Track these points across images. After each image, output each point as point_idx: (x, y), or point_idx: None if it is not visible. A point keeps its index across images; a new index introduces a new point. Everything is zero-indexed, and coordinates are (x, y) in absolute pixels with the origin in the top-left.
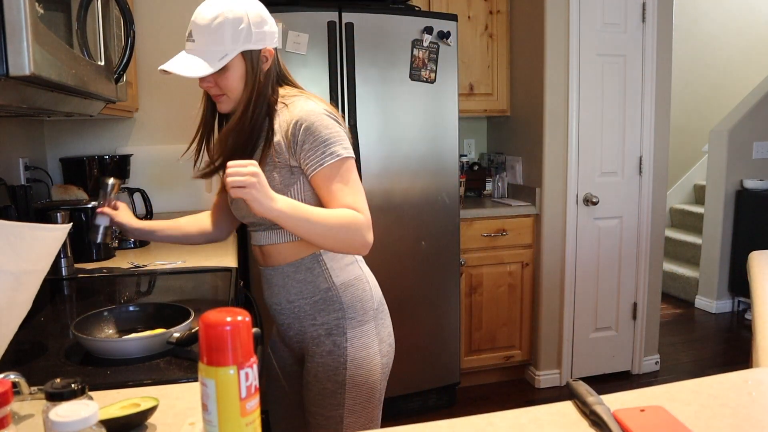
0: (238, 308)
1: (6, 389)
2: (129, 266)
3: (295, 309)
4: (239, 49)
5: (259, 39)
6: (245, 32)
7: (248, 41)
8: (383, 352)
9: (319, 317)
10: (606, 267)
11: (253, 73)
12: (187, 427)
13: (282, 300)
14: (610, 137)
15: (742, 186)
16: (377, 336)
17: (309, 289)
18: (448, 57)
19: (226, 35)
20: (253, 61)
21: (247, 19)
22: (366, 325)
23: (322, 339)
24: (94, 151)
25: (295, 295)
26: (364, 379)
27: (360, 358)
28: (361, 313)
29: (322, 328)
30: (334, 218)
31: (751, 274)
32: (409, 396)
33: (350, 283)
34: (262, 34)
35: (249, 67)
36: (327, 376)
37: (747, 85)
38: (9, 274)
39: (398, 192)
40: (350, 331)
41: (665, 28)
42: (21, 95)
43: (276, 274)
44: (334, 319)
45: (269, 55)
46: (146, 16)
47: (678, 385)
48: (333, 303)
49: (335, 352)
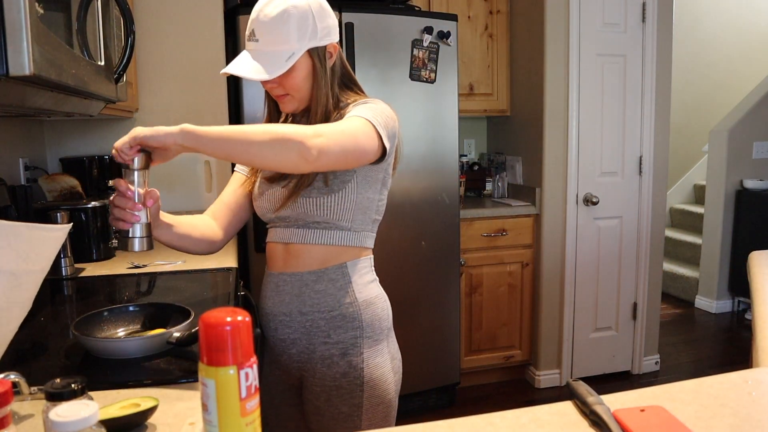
0: (238, 308)
1: (6, 389)
2: (129, 266)
3: (307, 323)
4: (306, 47)
5: (325, 35)
6: (311, 28)
7: (314, 38)
8: (395, 369)
9: (334, 335)
10: (606, 267)
11: (321, 70)
12: (187, 427)
13: (293, 311)
14: (610, 137)
15: (742, 186)
16: (389, 353)
17: (328, 303)
18: (448, 57)
19: (292, 33)
20: (319, 58)
21: (311, 13)
22: (380, 344)
23: (335, 360)
24: (94, 151)
25: (311, 307)
26: (380, 399)
27: (376, 378)
28: (377, 332)
29: (335, 347)
30: (254, 127)
31: (751, 274)
32: (409, 396)
33: (371, 301)
34: (327, 29)
35: (316, 65)
36: (342, 399)
37: (747, 85)
38: (9, 274)
39: (398, 192)
40: (366, 351)
41: (665, 28)
42: (21, 95)
43: (292, 281)
44: (351, 338)
45: (334, 51)
46: (146, 16)
47: (678, 385)
48: (353, 320)
49: (351, 374)
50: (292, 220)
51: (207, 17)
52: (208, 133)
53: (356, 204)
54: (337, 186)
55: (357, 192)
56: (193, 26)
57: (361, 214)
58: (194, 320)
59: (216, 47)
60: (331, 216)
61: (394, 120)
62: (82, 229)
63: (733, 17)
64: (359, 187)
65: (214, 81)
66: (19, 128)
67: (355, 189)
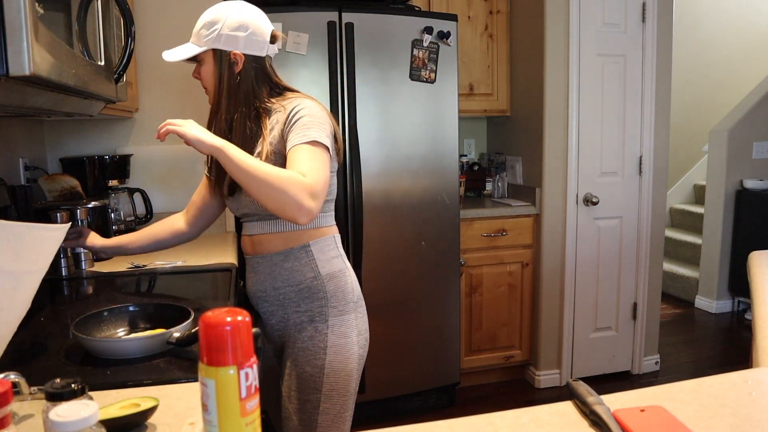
0: (238, 308)
1: (6, 389)
2: (129, 266)
3: (280, 296)
4: (208, 46)
5: (229, 42)
6: (216, 33)
7: (217, 42)
8: (360, 344)
9: (303, 304)
10: (606, 267)
11: (221, 70)
12: (187, 427)
13: (268, 287)
14: (610, 137)
15: (742, 186)
16: (356, 327)
17: (295, 277)
18: (448, 57)
19: (202, 33)
20: (222, 60)
21: (223, 22)
22: (346, 315)
23: (304, 325)
24: (94, 151)
25: (282, 282)
26: (342, 366)
27: (339, 345)
28: (342, 303)
29: (305, 315)
30: (271, 173)
31: (751, 274)
32: (409, 396)
33: (334, 275)
34: (233, 39)
35: (218, 65)
36: (307, 360)
37: (747, 85)
38: (8, 273)
39: (398, 192)
40: (332, 319)
41: (665, 28)
42: (21, 95)
43: (264, 262)
44: (317, 307)
45: (239, 59)
46: (146, 16)
47: (678, 385)
48: (317, 291)
49: (316, 338)
50: (252, 215)
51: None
52: (237, 161)
53: None
54: None
55: None
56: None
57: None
58: (194, 320)
59: None
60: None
61: (327, 120)
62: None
63: (733, 17)
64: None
65: None
66: (19, 128)
67: None
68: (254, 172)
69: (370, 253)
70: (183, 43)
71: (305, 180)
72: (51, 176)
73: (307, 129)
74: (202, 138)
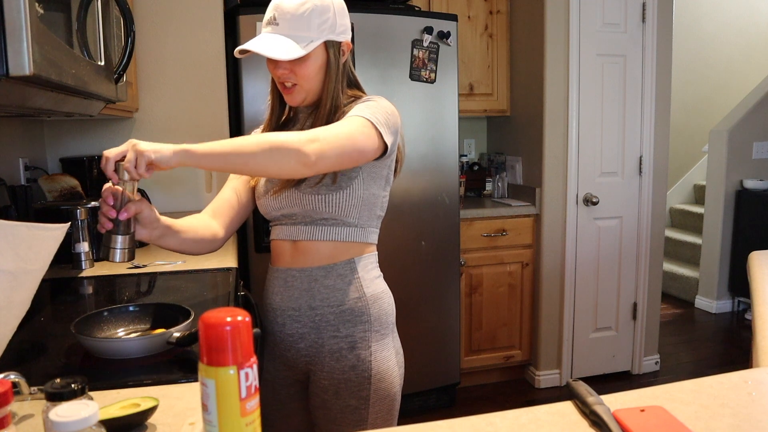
0: (238, 308)
1: (6, 389)
2: (129, 266)
3: (317, 317)
4: (324, 37)
5: (342, 31)
6: (331, 22)
7: (333, 31)
8: (399, 363)
9: (343, 329)
10: (606, 267)
11: (334, 64)
12: (187, 427)
13: (303, 305)
14: (610, 137)
15: (742, 186)
16: (394, 348)
17: (337, 297)
18: (448, 57)
19: (313, 22)
20: (334, 51)
21: (333, 8)
22: (387, 338)
23: (343, 353)
24: (94, 151)
25: (321, 301)
26: (387, 392)
27: (383, 371)
28: (384, 327)
29: (344, 341)
30: (254, 140)
31: (751, 274)
32: (409, 396)
33: (378, 296)
34: (344, 27)
35: (330, 58)
36: (350, 392)
37: (747, 85)
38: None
39: (398, 192)
40: (374, 345)
41: (665, 28)
42: (21, 95)
43: (301, 277)
44: (360, 332)
45: (347, 49)
46: (146, 16)
47: (678, 385)
48: (361, 315)
49: (359, 367)
50: (299, 217)
51: (207, 17)
52: (205, 151)
53: (362, 200)
54: (345, 182)
55: (363, 188)
56: (193, 26)
57: (367, 210)
58: (194, 320)
59: (216, 47)
60: (338, 212)
61: (396, 116)
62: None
63: (733, 17)
64: (365, 184)
65: (214, 81)
66: (19, 128)
67: (362, 185)
68: (232, 149)
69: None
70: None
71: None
72: (51, 176)
73: (366, 109)
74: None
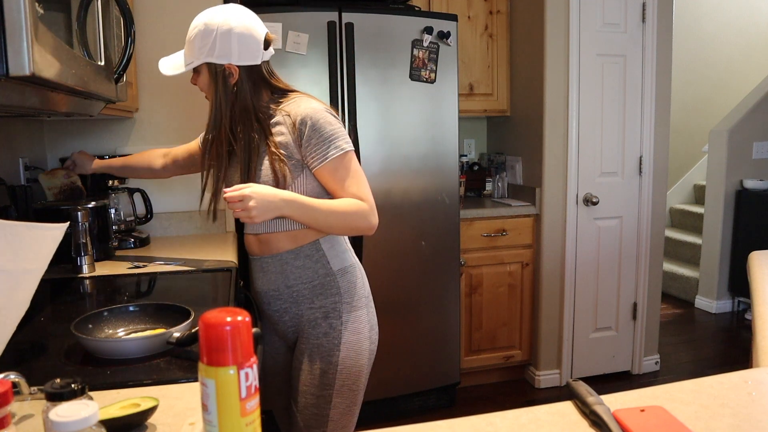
0: (238, 308)
1: (6, 389)
2: (129, 266)
3: (294, 293)
4: (203, 59)
5: (223, 54)
6: (210, 46)
7: (210, 54)
8: (371, 339)
9: (317, 300)
10: (606, 267)
11: (216, 83)
12: (187, 427)
13: (280, 285)
14: (610, 137)
15: (742, 186)
16: (368, 323)
17: (308, 275)
18: (448, 57)
19: (196, 45)
20: (216, 72)
21: (216, 32)
22: (359, 311)
23: (318, 321)
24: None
25: (294, 280)
26: (354, 361)
27: (352, 341)
28: (355, 299)
29: (319, 311)
30: (339, 209)
31: (751, 274)
32: (409, 396)
33: (346, 270)
34: (227, 50)
35: (213, 78)
36: (321, 356)
37: (747, 85)
38: (7, 273)
39: (398, 192)
40: (345, 315)
41: (665, 28)
42: (21, 95)
43: (274, 262)
44: (332, 303)
45: (234, 72)
46: (146, 16)
47: (678, 385)
48: (331, 287)
49: (330, 334)
50: None
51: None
52: (309, 212)
53: (310, 192)
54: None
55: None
56: None
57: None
58: (194, 320)
59: None
60: None
61: (339, 120)
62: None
63: (733, 17)
64: (308, 177)
65: None
66: (19, 128)
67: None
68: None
69: (370, 252)
70: (182, 46)
71: (365, 205)
72: (51, 171)
73: (331, 140)
74: (267, 209)
